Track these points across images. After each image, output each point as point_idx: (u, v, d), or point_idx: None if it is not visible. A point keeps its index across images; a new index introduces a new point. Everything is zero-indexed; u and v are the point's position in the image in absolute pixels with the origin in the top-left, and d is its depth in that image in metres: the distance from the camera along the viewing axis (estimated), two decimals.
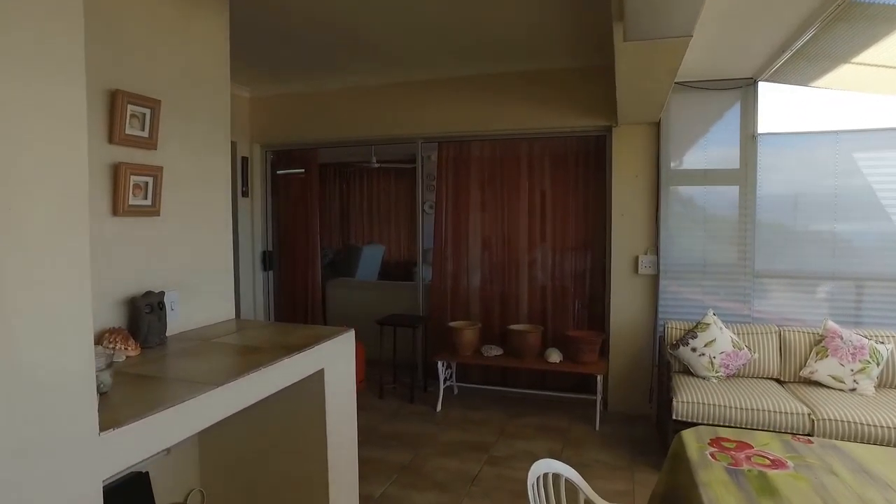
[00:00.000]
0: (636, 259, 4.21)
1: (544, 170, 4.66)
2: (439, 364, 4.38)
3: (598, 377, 4.03)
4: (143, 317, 2.07)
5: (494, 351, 4.39)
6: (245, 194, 5.15)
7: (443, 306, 4.88)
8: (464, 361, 4.42)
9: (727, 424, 3.15)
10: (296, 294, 5.46)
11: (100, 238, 2.00)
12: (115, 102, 2.02)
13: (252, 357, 2.00)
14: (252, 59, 4.35)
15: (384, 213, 10.62)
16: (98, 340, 1.89)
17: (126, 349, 1.91)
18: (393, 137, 4.83)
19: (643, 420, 4.13)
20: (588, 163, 4.62)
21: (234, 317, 2.79)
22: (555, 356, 4.19)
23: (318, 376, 2.22)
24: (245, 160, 5.13)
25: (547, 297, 4.67)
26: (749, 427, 3.11)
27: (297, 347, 2.11)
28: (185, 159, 2.41)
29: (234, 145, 4.95)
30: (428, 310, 4.96)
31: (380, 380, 4.67)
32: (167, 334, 2.23)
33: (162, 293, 2.17)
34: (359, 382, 4.86)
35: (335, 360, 2.31)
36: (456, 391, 4.73)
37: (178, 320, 2.36)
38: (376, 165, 8.18)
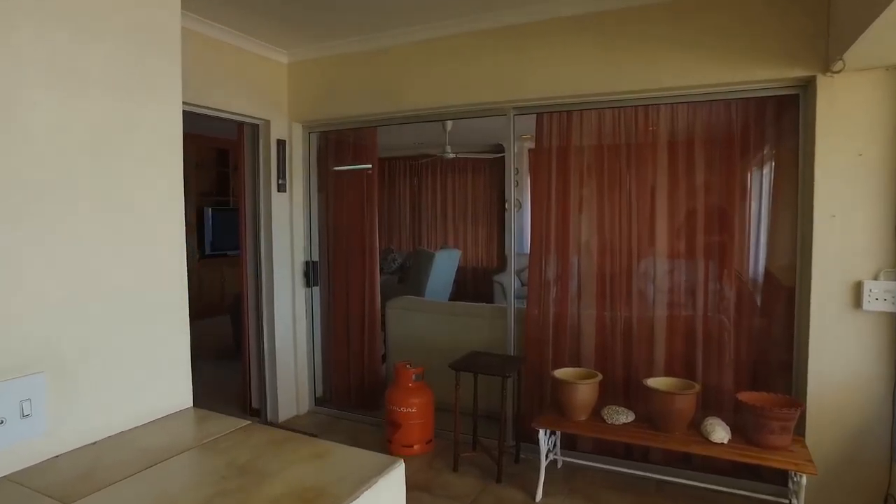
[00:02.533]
0: (858, 286, 2.65)
1: (694, 150, 3.17)
2: (541, 433, 3.01)
3: (797, 475, 2.52)
4: None
5: (622, 416, 2.96)
6: (282, 189, 3.98)
7: (543, 343, 3.50)
8: (578, 432, 3.02)
9: None
10: (349, 317, 4.25)
11: None
12: None
13: None
14: (289, 11, 3.18)
15: (460, 212, 9.34)
16: None
17: None
18: (476, 107, 3.50)
19: None
20: (764, 138, 3.09)
21: (188, 403, 1.57)
22: (719, 432, 2.71)
23: None
24: (281, 145, 3.97)
25: (696, 338, 3.17)
26: None
27: None
28: (68, 102, 1.20)
29: (266, 125, 3.79)
30: (522, 346, 3.59)
31: (454, 442, 3.35)
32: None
33: None
34: (425, 444, 3.58)
35: None
36: (560, 464, 3.34)
37: (53, 429, 1.15)
38: (451, 156, 6.88)
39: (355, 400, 4.24)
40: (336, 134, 4.21)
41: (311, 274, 4.21)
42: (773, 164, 3.13)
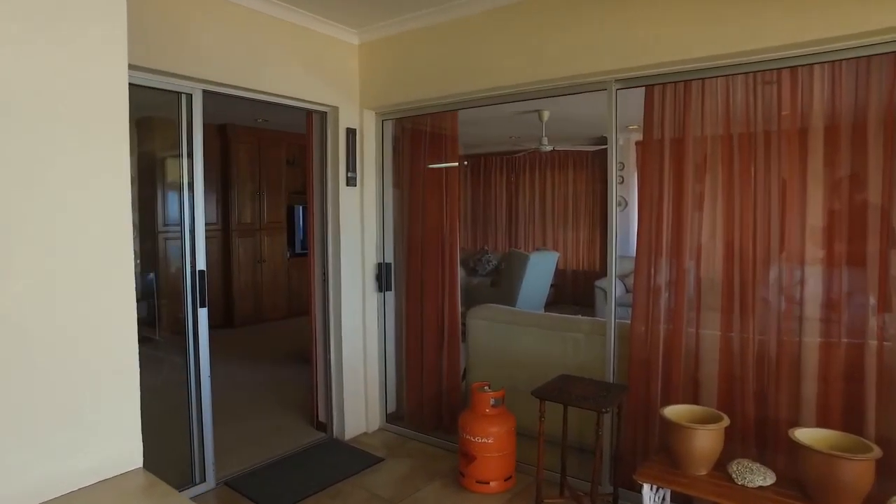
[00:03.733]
0: None
1: (865, 127, 2.37)
2: (645, 488, 2.36)
3: None
4: None
5: (758, 476, 2.24)
6: (351, 183, 3.61)
7: (650, 369, 2.83)
8: (696, 494, 2.33)
9: None
10: (425, 327, 3.80)
11: None
12: None
13: None
14: None
15: (559, 210, 8.65)
16: None
17: None
18: (570, 81, 2.90)
19: None
20: None
21: (138, 463, 1.16)
22: None
23: None
24: (351, 134, 3.59)
25: (865, 375, 2.37)
26: None
27: None
28: None
29: (334, 113, 3.43)
30: (624, 371, 2.94)
31: (537, 483, 2.77)
32: None
33: None
34: (503, 481, 3.04)
35: None
36: None
37: None
38: (548, 149, 6.26)
39: (429, 419, 3.78)
40: (412, 122, 3.77)
41: (383, 277, 3.81)
42: None
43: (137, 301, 1.03)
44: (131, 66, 2.64)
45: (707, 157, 2.68)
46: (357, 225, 3.68)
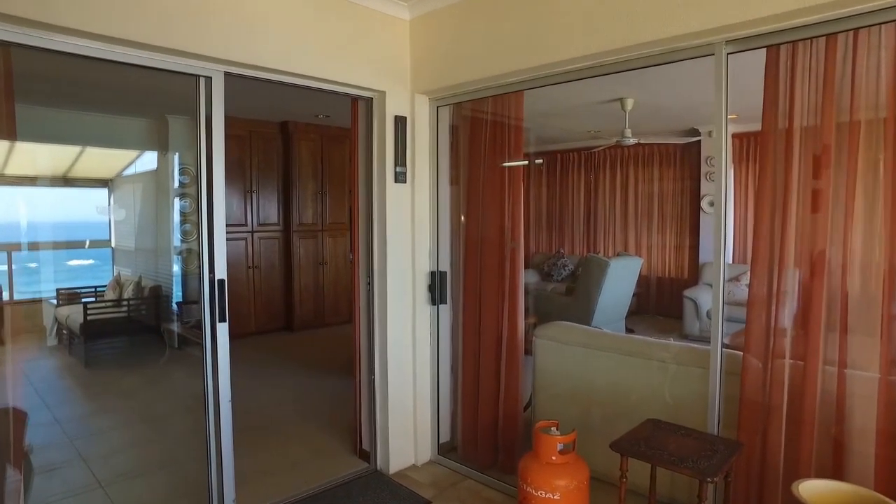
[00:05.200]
0: None
1: None
2: None
3: None
4: None
5: None
6: (400, 179, 3.14)
7: (770, 421, 2.16)
8: None
9: None
10: (482, 346, 3.27)
11: None
12: None
13: None
14: None
15: (643, 211, 7.84)
16: None
17: None
18: (665, 46, 2.28)
19: None
20: None
21: None
22: None
23: None
24: (401, 123, 3.12)
25: None
26: None
27: None
28: None
29: (381, 99, 2.99)
30: (731, 417, 2.28)
31: None
32: None
33: None
34: None
35: None
36: None
37: None
38: (632, 142, 5.55)
39: (486, 454, 3.25)
40: (471, 108, 3.25)
41: (437, 288, 3.31)
42: None
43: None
44: (136, 45, 2.32)
45: (859, 141, 1.98)
46: (407, 227, 3.21)
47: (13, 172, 6.27)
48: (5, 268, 6.61)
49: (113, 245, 7.37)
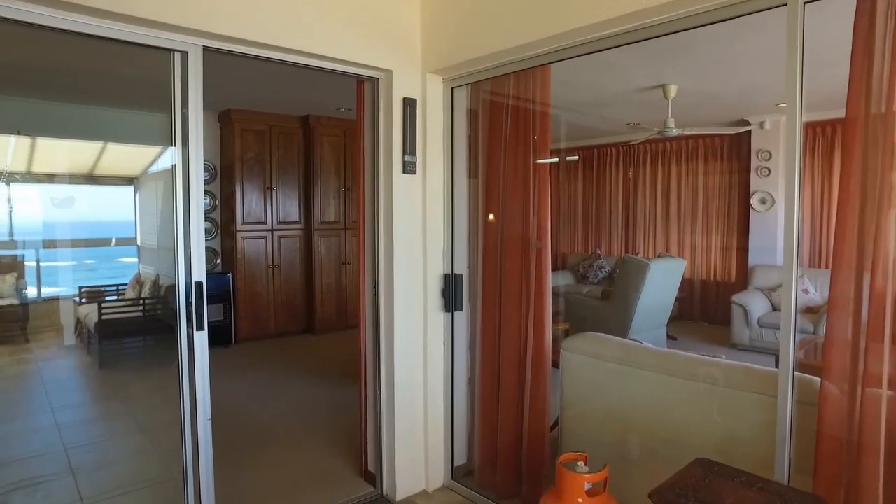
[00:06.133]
0: None
1: None
2: None
3: None
4: None
5: None
6: (409, 170, 2.78)
7: (860, 465, 1.71)
8: None
9: None
10: (504, 359, 2.88)
11: None
12: None
13: None
14: None
15: (686, 209, 7.29)
16: None
17: None
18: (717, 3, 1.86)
19: None
20: None
21: None
22: None
23: None
24: (410, 106, 2.76)
25: None
26: None
27: None
28: None
29: (387, 79, 2.64)
30: (803, 457, 1.85)
31: None
32: None
33: None
34: None
35: None
36: None
37: None
38: (675, 132, 5.06)
39: (507, 481, 2.86)
40: (491, 90, 2.87)
41: (451, 293, 2.95)
42: None
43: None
44: (100, 14, 2.02)
45: None
46: (417, 224, 2.85)
47: (41, 170, 6.22)
48: (34, 264, 6.59)
49: (139, 243, 7.28)
